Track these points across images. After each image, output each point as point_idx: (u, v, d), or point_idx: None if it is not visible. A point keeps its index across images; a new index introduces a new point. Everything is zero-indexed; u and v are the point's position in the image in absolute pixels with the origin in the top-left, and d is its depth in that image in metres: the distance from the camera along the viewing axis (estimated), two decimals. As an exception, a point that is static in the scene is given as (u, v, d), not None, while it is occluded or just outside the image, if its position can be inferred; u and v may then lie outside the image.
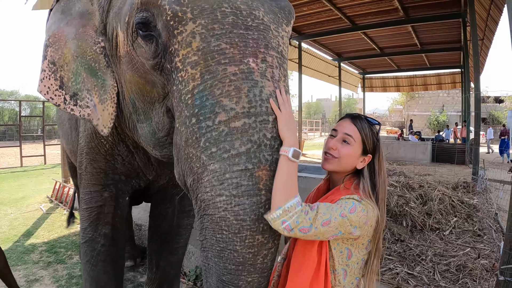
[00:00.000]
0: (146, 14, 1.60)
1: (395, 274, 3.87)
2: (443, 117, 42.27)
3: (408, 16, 13.99)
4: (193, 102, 1.46)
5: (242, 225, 1.40)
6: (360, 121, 1.64)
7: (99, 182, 2.72)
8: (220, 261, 1.47)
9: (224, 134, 1.40)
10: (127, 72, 1.88)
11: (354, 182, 1.64)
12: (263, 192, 1.41)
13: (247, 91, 1.42)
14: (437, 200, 5.99)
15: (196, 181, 1.49)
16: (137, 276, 4.66)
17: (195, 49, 1.47)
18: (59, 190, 8.70)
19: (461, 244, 4.80)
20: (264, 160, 1.41)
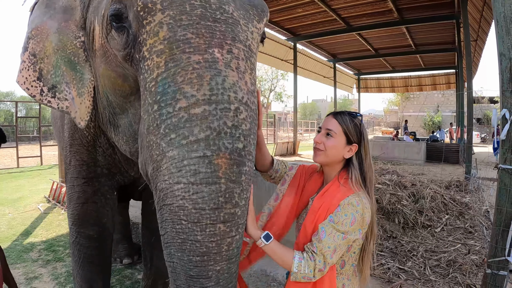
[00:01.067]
0: (119, 6, 1.63)
1: (386, 269, 3.97)
2: (438, 118, 42.45)
3: (402, 17, 14.09)
4: (156, 89, 1.47)
5: (201, 213, 1.40)
6: (341, 116, 1.78)
7: (81, 175, 2.78)
8: (183, 255, 1.46)
9: (183, 121, 1.40)
10: (101, 66, 1.94)
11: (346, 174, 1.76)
12: (223, 181, 1.40)
13: (209, 79, 1.41)
14: (429, 198, 6.10)
15: (155, 170, 1.50)
16: (134, 273, 4.73)
17: (162, 39, 1.48)
18: (56, 190, 8.72)
19: (452, 241, 4.90)
20: (223, 148, 1.40)
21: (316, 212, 1.67)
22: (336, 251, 1.58)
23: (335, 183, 1.73)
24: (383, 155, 15.86)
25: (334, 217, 1.60)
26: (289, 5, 13.11)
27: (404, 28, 15.55)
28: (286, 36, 17.29)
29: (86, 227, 2.87)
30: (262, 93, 52.89)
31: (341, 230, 1.58)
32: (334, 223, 1.59)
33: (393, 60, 22.95)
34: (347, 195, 1.64)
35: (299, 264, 1.55)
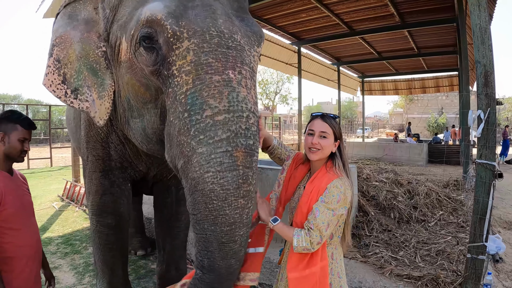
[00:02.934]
0: (150, 30, 1.97)
1: (380, 257, 4.25)
2: (442, 120, 42.43)
3: (404, 21, 14.09)
4: (186, 101, 1.85)
5: (227, 193, 1.79)
6: (328, 119, 2.21)
7: (98, 169, 3.11)
8: (216, 228, 1.83)
9: (210, 125, 1.80)
10: (126, 75, 2.25)
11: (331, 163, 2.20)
12: (240, 167, 1.81)
13: (227, 94, 1.83)
14: (423, 194, 6.42)
15: (186, 163, 1.87)
16: (148, 263, 5.06)
17: (189, 61, 1.87)
18: (70, 189, 9.00)
19: (444, 234, 5.15)
20: (240, 144, 1.82)
21: (308, 195, 2.09)
22: (329, 226, 2.00)
23: (322, 170, 2.16)
24: (385, 156, 15.99)
25: (324, 197, 2.02)
26: (293, 10, 13.20)
27: (406, 32, 15.48)
28: (290, 40, 17.27)
29: (105, 217, 3.20)
30: (268, 95, 52.99)
31: (331, 208, 2.00)
32: (325, 203, 2.00)
33: (396, 63, 22.78)
34: (332, 179, 2.07)
35: (298, 240, 1.98)
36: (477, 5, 3.21)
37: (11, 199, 2.32)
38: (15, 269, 2.34)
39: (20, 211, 2.40)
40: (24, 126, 2.45)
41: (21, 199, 2.47)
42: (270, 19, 14.09)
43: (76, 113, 3.69)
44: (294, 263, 2.09)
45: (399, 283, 3.62)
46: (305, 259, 2.06)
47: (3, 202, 2.26)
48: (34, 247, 2.52)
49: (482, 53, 3.18)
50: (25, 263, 2.40)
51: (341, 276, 2.22)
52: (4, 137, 2.37)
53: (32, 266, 2.48)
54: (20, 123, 2.43)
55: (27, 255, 2.43)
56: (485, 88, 3.15)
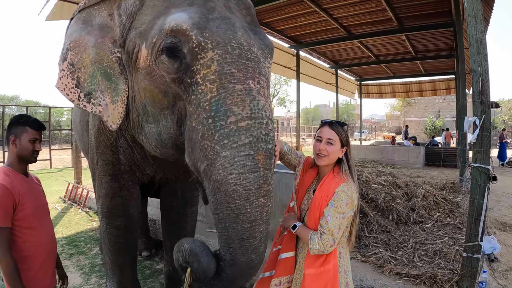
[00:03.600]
0: (175, 40, 2.04)
1: (379, 257, 4.38)
2: (439, 123, 42.55)
3: (402, 25, 14.24)
4: (210, 108, 1.95)
5: (249, 193, 1.90)
6: (335, 127, 2.36)
7: (108, 173, 3.16)
8: (237, 225, 1.93)
9: (233, 131, 1.91)
10: (144, 81, 2.30)
11: (338, 168, 2.35)
12: (261, 169, 1.94)
13: (249, 102, 1.95)
14: (421, 197, 6.57)
15: (209, 166, 1.96)
16: (153, 264, 5.15)
17: (213, 71, 1.97)
18: (72, 191, 9.09)
19: (441, 235, 5.28)
20: (261, 148, 1.94)
21: (319, 200, 2.26)
22: (340, 228, 2.19)
23: (330, 175, 2.32)
24: (383, 159, 16.06)
25: (334, 202, 2.19)
26: (292, 14, 13.35)
27: (404, 36, 15.63)
28: (289, 43, 17.42)
29: (115, 219, 3.27)
30: (265, 98, 52.94)
31: (341, 211, 2.18)
32: (334, 207, 2.18)
33: (394, 66, 22.94)
34: (340, 184, 2.23)
35: (313, 244, 2.18)
36: (474, 17, 3.37)
37: (28, 200, 2.42)
38: (34, 268, 2.44)
39: (37, 211, 2.49)
40: (34, 128, 2.51)
41: (37, 200, 2.56)
42: (269, 22, 14.21)
43: (82, 117, 3.75)
44: (311, 261, 2.27)
45: (398, 281, 3.75)
46: (321, 257, 2.24)
47: (21, 202, 2.36)
48: (50, 246, 2.62)
49: (478, 63, 3.33)
50: (42, 261, 2.50)
51: (347, 273, 2.37)
52: (16, 140, 2.45)
53: (48, 264, 2.58)
54: (29, 125, 2.50)
55: (44, 253, 2.52)
56: (480, 95, 3.32)
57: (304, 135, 42.80)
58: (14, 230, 2.34)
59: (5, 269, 2.25)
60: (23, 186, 2.44)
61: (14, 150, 2.47)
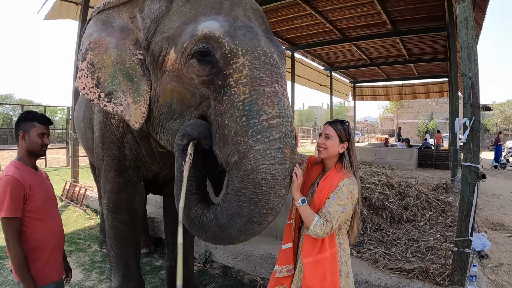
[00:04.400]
0: (208, 46, 2.24)
1: (373, 253, 4.51)
2: (432, 125, 42.79)
3: (396, 29, 14.31)
4: (243, 107, 2.16)
5: (276, 182, 2.13)
6: (334, 124, 2.55)
7: (113, 168, 3.28)
8: (255, 208, 2.14)
9: (266, 127, 2.13)
10: (171, 83, 2.43)
11: (341, 164, 2.52)
12: (288, 162, 2.17)
13: (277, 103, 2.18)
14: (414, 196, 6.74)
15: (241, 158, 2.15)
16: (153, 261, 5.25)
17: (245, 75, 2.19)
18: (69, 189, 9.13)
19: (433, 233, 5.44)
20: (288, 143, 2.18)
21: (321, 191, 2.43)
22: (338, 220, 2.35)
23: (333, 170, 2.50)
24: (376, 161, 16.17)
25: (336, 195, 2.36)
26: (288, 16, 13.43)
27: (398, 39, 15.72)
28: (284, 45, 17.27)
29: (120, 213, 3.37)
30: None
31: (342, 204, 2.34)
32: (336, 200, 2.35)
33: (388, 69, 23.00)
34: (343, 179, 2.40)
35: (315, 226, 2.30)
36: (465, 24, 3.52)
37: (38, 192, 2.53)
38: (42, 258, 2.54)
39: (46, 203, 2.60)
40: (41, 122, 2.61)
41: (46, 192, 2.66)
42: (265, 25, 14.26)
43: (85, 114, 3.86)
44: (307, 250, 2.42)
45: (392, 275, 3.90)
46: (316, 246, 2.40)
47: (31, 194, 2.46)
48: (58, 237, 2.71)
49: (469, 67, 3.50)
50: (50, 252, 2.59)
51: (348, 264, 2.55)
52: (25, 135, 2.55)
53: (56, 255, 2.68)
54: (37, 120, 2.59)
55: (52, 244, 2.61)
56: (471, 98, 3.48)
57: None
58: (24, 221, 2.43)
59: (15, 259, 2.35)
60: (33, 179, 2.55)
61: (24, 145, 2.57)
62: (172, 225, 3.96)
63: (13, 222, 2.36)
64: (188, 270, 4.09)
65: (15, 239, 2.35)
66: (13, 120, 36.22)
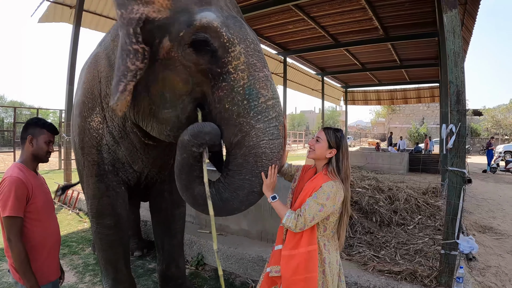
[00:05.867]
0: (207, 35, 2.37)
1: (363, 256, 4.58)
2: (423, 130, 43.03)
3: (387, 34, 14.40)
4: (244, 92, 2.39)
5: (273, 155, 2.43)
6: (328, 130, 2.66)
7: (94, 174, 3.33)
8: (256, 179, 2.43)
9: (264, 108, 2.40)
10: (165, 71, 2.49)
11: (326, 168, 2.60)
12: (281, 137, 2.48)
13: (270, 86, 2.46)
14: (403, 200, 6.84)
15: (244, 136, 2.39)
16: (145, 264, 5.27)
17: (242, 62, 2.41)
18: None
19: (422, 236, 5.53)
20: (281, 121, 2.48)
21: (305, 190, 2.54)
22: (314, 219, 2.43)
23: (320, 173, 2.59)
24: (367, 165, 16.11)
25: (317, 193, 2.44)
26: (280, 21, 13.46)
27: (390, 45, 15.80)
28: (276, 50, 17.46)
29: (104, 218, 3.43)
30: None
31: (320, 203, 2.42)
32: (316, 198, 2.43)
33: (379, 74, 23.10)
34: (327, 181, 2.48)
35: (287, 219, 2.45)
36: (452, 32, 3.63)
37: (39, 194, 2.60)
38: (40, 258, 2.59)
39: (45, 205, 2.67)
40: (50, 131, 2.71)
41: (46, 195, 2.73)
42: (257, 29, 14.29)
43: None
44: (286, 243, 2.55)
45: (381, 277, 3.97)
46: (293, 241, 2.51)
47: (33, 196, 2.53)
48: (55, 238, 2.77)
49: (455, 75, 3.60)
50: (47, 252, 2.65)
51: (336, 266, 2.62)
52: (33, 139, 2.64)
53: (54, 255, 2.75)
54: (47, 128, 2.70)
55: (49, 244, 2.68)
56: (457, 105, 3.57)
57: (289, 140, 42.72)
58: (24, 221, 2.49)
59: (17, 256, 2.41)
60: (35, 181, 2.61)
61: (30, 149, 2.65)
62: (160, 228, 4.02)
63: (16, 221, 2.42)
64: (180, 272, 4.13)
65: (17, 237, 2.42)
66: (4, 122, 35.98)
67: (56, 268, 2.80)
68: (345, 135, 2.71)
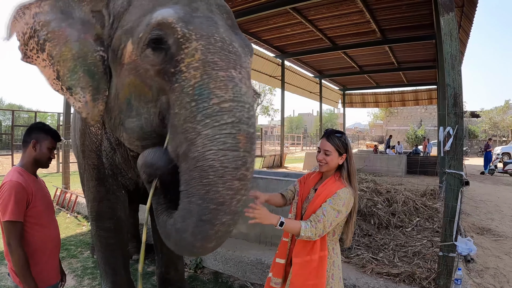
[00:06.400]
0: (161, 32, 2.09)
1: (361, 258, 4.59)
2: (421, 132, 43.12)
3: (385, 37, 14.56)
4: (193, 92, 1.97)
5: (225, 170, 1.87)
6: (331, 138, 2.61)
7: (94, 177, 3.28)
8: (203, 203, 1.87)
9: (216, 111, 1.92)
10: (129, 77, 2.31)
11: (339, 174, 2.62)
12: (241, 150, 1.93)
13: (232, 87, 1.98)
14: (401, 202, 6.86)
15: (189, 145, 1.95)
16: (144, 267, 5.14)
17: (197, 59, 2.01)
18: (60, 196, 9.13)
19: (420, 238, 5.53)
20: (243, 130, 1.95)
21: (319, 195, 2.52)
22: (331, 224, 2.42)
23: (332, 178, 2.59)
24: (365, 167, 16.25)
25: (333, 200, 2.44)
26: (278, 25, 13.59)
27: (387, 47, 15.96)
28: (274, 53, 17.64)
29: (104, 221, 3.39)
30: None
31: (337, 209, 2.42)
32: (332, 205, 2.43)
33: (377, 77, 23.29)
34: (341, 187, 2.49)
35: (305, 230, 2.35)
36: (449, 35, 3.66)
37: (39, 198, 2.60)
38: (40, 262, 2.59)
39: (46, 209, 2.67)
40: (54, 138, 2.72)
41: (46, 199, 2.74)
42: (255, 32, 14.41)
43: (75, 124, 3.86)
44: (298, 251, 2.51)
45: (379, 279, 3.98)
46: (307, 248, 2.47)
47: (33, 200, 2.53)
48: (55, 242, 2.78)
49: (452, 78, 3.62)
50: (48, 256, 2.65)
51: (340, 269, 2.65)
52: (36, 144, 2.63)
53: (54, 259, 2.75)
54: (51, 135, 2.70)
55: (50, 249, 2.68)
56: (454, 107, 3.60)
57: (287, 143, 42.78)
58: (24, 225, 2.49)
59: (17, 261, 2.40)
60: (35, 186, 2.61)
61: (33, 154, 2.64)
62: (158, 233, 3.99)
63: (16, 225, 2.41)
64: (179, 275, 4.13)
65: (17, 242, 2.41)
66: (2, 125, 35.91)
67: (56, 272, 2.80)
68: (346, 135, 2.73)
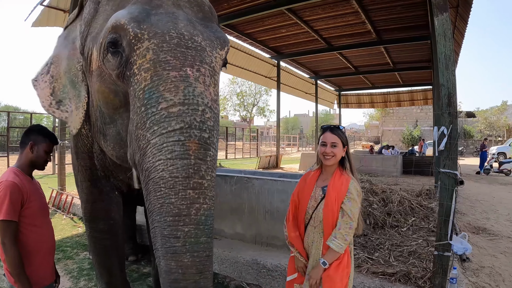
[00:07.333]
0: (115, 35, 2.07)
1: (357, 258, 4.57)
2: (417, 132, 43.27)
3: (380, 38, 14.58)
4: (143, 96, 1.90)
5: (176, 180, 1.78)
6: (336, 131, 2.71)
7: (87, 178, 3.28)
8: (160, 217, 1.80)
9: (164, 117, 1.84)
10: (96, 83, 2.35)
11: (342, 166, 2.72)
12: (192, 157, 1.82)
13: (183, 88, 1.87)
14: (397, 202, 6.88)
15: (142, 155, 1.91)
16: (140, 268, 5.25)
17: (148, 59, 1.94)
18: (56, 197, 9.09)
19: (416, 238, 5.54)
20: (193, 136, 1.84)
21: (332, 195, 2.57)
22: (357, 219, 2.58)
23: (337, 173, 2.67)
24: (361, 168, 16.20)
25: (350, 200, 2.54)
26: (273, 26, 13.60)
27: (382, 48, 15.99)
28: (270, 54, 17.63)
29: (98, 223, 3.38)
30: (246, 107, 53.07)
31: (356, 206, 2.56)
32: (351, 204, 2.53)
33: (373, 77, 23.35)
34: (349, 181, 2.59)
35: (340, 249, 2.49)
36: (443, 36, 3.67)
37: (34, 199, 2.60)
38: (35, 262, 2.59)
39: (41, 210, 2.67)
40: (51, 141, 2.73)
41: (41, 200, 2.73)
42: (251, 33, 14.42)
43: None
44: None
45: (375, 279, 3.98)
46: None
47: (28, 201, 2.53)
48: (50, 243, 2.77)
49: (446, 78, 3.64)
50: (42, 257, 2.65)
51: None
52: (34, 146, 2.64)
53: (49, 259, 2.74)
54: (49, 138, 2.71)
55: (44, 249, 2.68)
56: (448, 107, 3.61)
57: (283, 144, 42.81)
58: (19, 226, 2.48)
59: (11, 261, 2.40)
60: (30, 186, 2.61)
61: (30, 155, 2.65)
62: None
63: (11, 225, 2.41)
64: None
65: (11, 242, 2.40)
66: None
67: (51, 272, 2.79)
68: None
